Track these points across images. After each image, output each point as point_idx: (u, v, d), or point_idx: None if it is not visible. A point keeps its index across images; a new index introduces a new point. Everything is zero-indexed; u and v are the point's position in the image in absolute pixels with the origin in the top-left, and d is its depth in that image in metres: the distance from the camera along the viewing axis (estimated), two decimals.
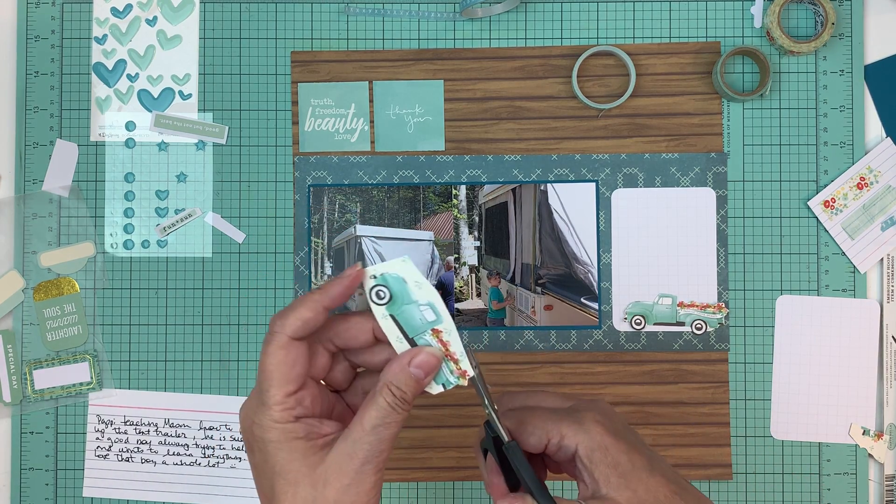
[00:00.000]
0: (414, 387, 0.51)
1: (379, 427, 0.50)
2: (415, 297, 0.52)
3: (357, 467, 0.49)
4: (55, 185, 0.78)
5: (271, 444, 0.50)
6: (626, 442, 0.52)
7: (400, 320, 0.52)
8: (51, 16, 0.79)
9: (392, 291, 0.52)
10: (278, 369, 0.50)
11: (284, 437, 0.50)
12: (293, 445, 0.50)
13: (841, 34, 0.78)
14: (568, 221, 0.78)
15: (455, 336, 0.52)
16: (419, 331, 0.52)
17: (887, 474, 0.77)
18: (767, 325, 0.78)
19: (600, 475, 0.51)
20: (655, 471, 0.51)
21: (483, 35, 0.79)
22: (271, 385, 0.50)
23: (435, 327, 0.52)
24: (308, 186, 0.78)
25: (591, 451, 0.51)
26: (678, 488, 0.51)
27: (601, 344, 0.78)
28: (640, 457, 0.52)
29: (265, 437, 0.50)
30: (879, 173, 0.78)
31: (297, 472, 0.50)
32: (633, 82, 0.77)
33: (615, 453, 0.51)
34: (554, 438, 0.52)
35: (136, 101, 0.79)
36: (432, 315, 0.52)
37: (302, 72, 0.79)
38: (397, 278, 0.51)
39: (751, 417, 0.78)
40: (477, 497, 0.78)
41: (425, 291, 0.52)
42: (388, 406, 0.50)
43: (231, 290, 0.78)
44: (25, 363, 0.77)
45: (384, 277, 0.52)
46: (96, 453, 0.78)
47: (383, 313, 0.52)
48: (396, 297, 0.52)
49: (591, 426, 0.52)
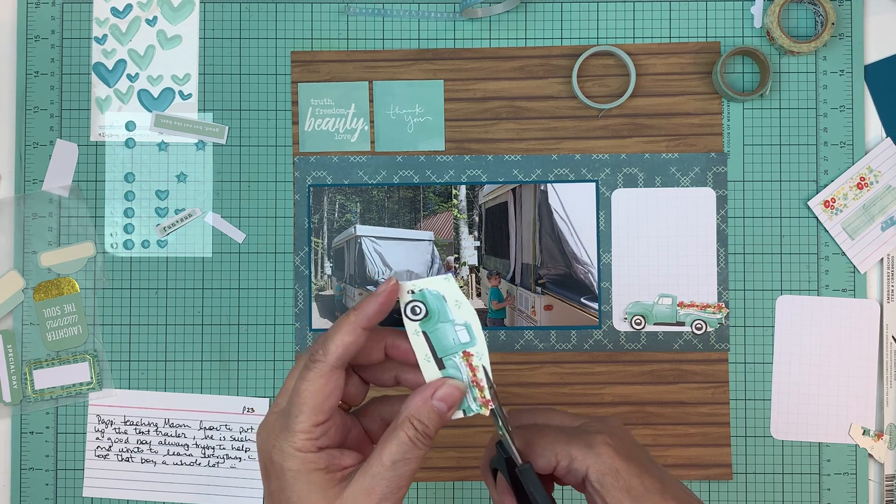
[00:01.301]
0: (437, 421, 0.49)
1: (399, 463, 0.48)
2: (452, 317, 0.50)
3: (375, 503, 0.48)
4: (55, 185, 0.78)
5: (290, 473, 0.49)
6: (637, 464, 0.51)
7: (432, 338, 0.50)
8: (51, 16, 0.79)
9: (429, 308, 0.50)
10: (314, 398, 0.49)
11: (305, 468, 0.48)
12: (312, 477, 0.48)
13: (841, 34, 0.78)
14: (568, 221, 0.78)
15: (486, 362, 0.51)
16: (450, 351, 0.51)
17: (887, 474, 0.77)
18: (767, 325, 0.78)
19: (612, 499, 0.50)
20: (668, 494, 0.51)
21: (483, 35, 0.79)
22: (302, 412, 0.49)
23: (467, 350, 0.50)
24: (308, 186, 0.78)
25: (602, 476, 0.50)
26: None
27: (601, 344, 0.78)
28: (652, 479, 0.51)
29: (285, 464, 0.49)
30: (879, 173, 0.78)
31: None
32: (633, 82, 0.77)
33: (627, 477, 0.50)
34: (563, 461, 0.51)
35: (136, 101, 0.79)
36: (467, 337, 0.50)
37: (302, 72, 0.79)
38: (437, 295, 0.50)
39: (751, 417, 0.78)
40: (477, 497, 0.78)
41: (464, 311, 0.50)
42: (409, 441, 0.48)
43: (231, 290, 0.78)
44: (25, 363, 0.77)
45: (423, 293, 0.50)
46: (96, 453, 0.78)
47: (416, 329, 0.50)
48: (432, 315, 0.50)
49: (602, 449, 0.51)
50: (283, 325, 0.78)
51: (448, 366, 0.51)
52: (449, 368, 0.51)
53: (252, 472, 0.77)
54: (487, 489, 0.77)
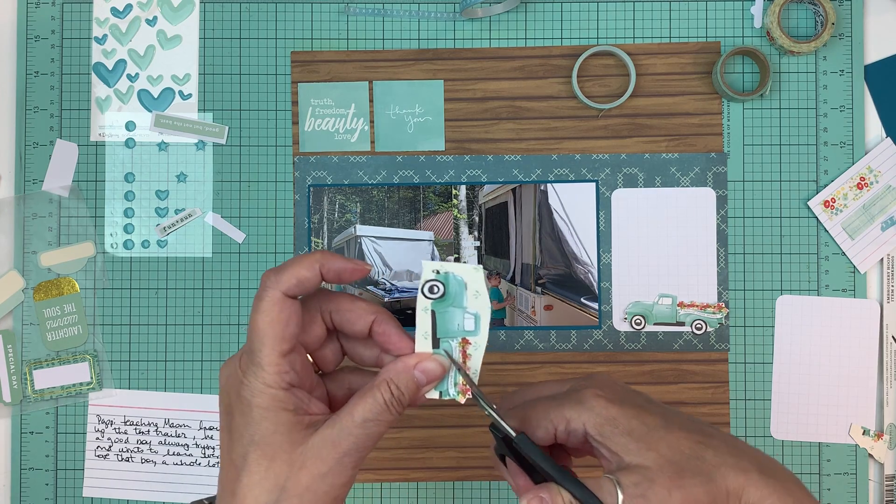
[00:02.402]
0: (413, 390, 0.49)
1: (369, 422, 0.48)
2: (466, 304, 0.50)
3: (338, 457, 0.47)
4: (55, 185, 0.78)
5: (257, 410, 0.48)
6: (633, 406, 0.50)
7: (438, 319, 0.51)
8: (51, 16, 0.79)
9: (448, 291, 0.50)
10: (272, 327, 0.48)
11: (273, 405, 0.48)
12: (280, 417, 0.48)
13: (841, 34, 0.78)
14: (568, 221, 0.78)
15: (480, 354, 0.51)
16: (450, 335, 0.51)
17: (887, 474, 0.77)
18: (767, 325, 0.78)
19: (618, 446, 0.49)
20: (672, 426, 0.50)
21: (483, 35, 0.79)
22: (264, 344, 0.48)
23: (467, 337, 0.51)
24: (308, 186, 0.78)
25: (600, 427, 0.50)
26: (702, 437, 0.50)
27: (601, 344, 0.78)
28: (653, 416, 0.50)
29: (253, 400, 0.48)
30: (879, 173, 0.78)
31: (278, 446, 0.47)
32: (633, 82, 0.77)
33: (625, 420, 0.49)
34: (560, 425, 0.51)
35: (136, 101, 0.79)
36: (472, 326, 0.51)
37: (302, 72, 0.79)
38: (459, 281, 0.50)
39: (751, 417, 0.78)
40: (477, 497, 0.78)
41: (480, 302, 0.50)
42: (384, 403, 0.48)
43: (231, 290, 0.78)
44: (25, 363, 0.77)
45: (447, 276, 0.50)
46: (96, 453, 0.78)
47: (426, 306, 0.50)
48: (448, 298, 0.50)
49: (593, 402, 0.50)
50: None
51: (443, 346, 0.51)
52: (442, 349, 0.51)
53: None
54: (488, 490, 0.77)
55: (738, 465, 0.49)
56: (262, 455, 0.48)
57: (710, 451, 0.49)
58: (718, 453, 0.49)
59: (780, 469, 0.50)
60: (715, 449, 0.49)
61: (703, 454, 0.49)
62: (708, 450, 0.49)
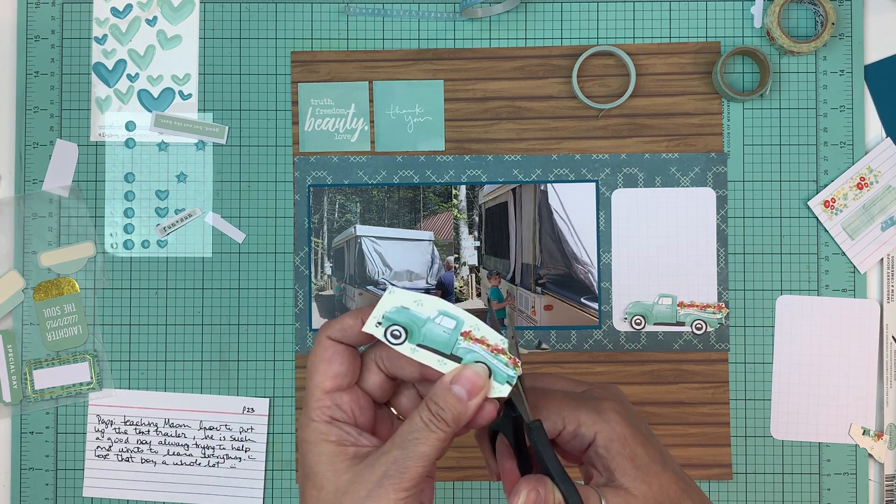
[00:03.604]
0: (454, 404, 0.48)
1: (407, 441, 0.47)
2: (425, 315, 0.50)
3: (376, 479, 0.47)
4: (55, 185, 0.78)
5: (305, 445, 0.50)
6: (641, 434, 0.51)
7: (429, 345, 0.50)
8: (51, 16, 0.79)
9: (402, 324, 0.50)
10: (316, 368, 0.50)
11: (316, 438, 0.49)
12: (322, 448, 0.49)
13: (841, 34, 0.78)
14: (568, 221, 0.78)
15: (484, 327, 0.50)
16: (451, 344, 0.50)
17: (887, 474, 0.77)
18: (767, 325, 0.78)
19: (616, 466, 0.50)
20: (667, 467, 0.51)
21: (483, 35, 0.79)
22: (310, 381, 0.50)
23: (463, 330, 0.50)
24: (308, 186, 0.78)
25: (609, 442, 0.50)
26: (685, 486, 0.51)
27: (601, 344, 0.78)
28: (654, 451, 0.51)
29: (301, 436, 0.50)
30: (879, 173, 0.78)
31: (323, 475, 0.49)
32: (633, 82, 0.77)
33: (633, 445, 0.50)
34: (570, 426, 0.51)
35: (136, 101, 0.79)
36: (451, 321, 0.50)
37: (302, 72, 0.79)
38: (399, 310, 0.50)
39: (751, 417, 0.78)
40: (477, 497, 0.78)
41: (429, 304, 0.50)
42: (421, 421, 0.48)
43: (231, 290, 0.78)
44: (25, 363, 0.77)
45: (386, 318, 0.50)
46: (96, 453, 0.78)
47: (410, 349, 0.50)
48: (410, 327, 0.50)
49: (611, 415, 0.51)
50: (283, 325, 0.78)
51: (462, 356, 0.50)
52: (465, 357, 0.50)
53: (252, 471, 0.77)
54: (488, 490, 0.77)
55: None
56: (312, 486, 0.49)
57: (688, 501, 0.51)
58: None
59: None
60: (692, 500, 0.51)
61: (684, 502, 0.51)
62: (687, 500, 0.51)
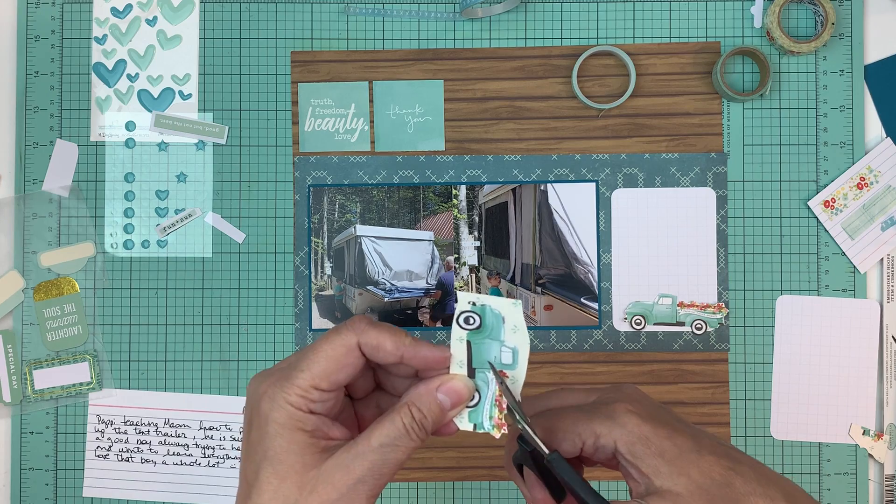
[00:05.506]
0: (436, 413, 0.47)
1: (386, 447, 0.45)
2: (503, 338, 0.49)
3: (351, 483, 0.45)
4: (55, 185, 0.78)
5: (273, 425, 0.46)
6: (664, 426, 0.48)
7: (474, 350, 0.49)
8: (51, 16, 0.79)
9: (484, 323, 0.49)
10: (327, 361, 0.46)
11: (289, 422, 0.46)
12: (295, 436, 0.46)
13: (841, 34, 0.78)
14: (568, 221, 0.78)
15: (518, 389, 0.49)
16: (486, 366, 0.49)
17: (887, 474, 0.77)
18: (767, 325, 0.78)
19: (648, 468, 0.47)
20: (703, 449, 0.48)
21: (483, 35, 0.79)
22: (308, 368, 0.46)
23: (504, 371, 0.49)
24: (308, 186, 0.78)
25: (631, 446, 0.47)
26: (730, 462, 0.48)
27: (601, 344, 0.78)
28: (684, 438, 0.48)
29: (271, 414, 0.46)
30: (879, 173, 0.78)
31: (289, 466, 0.46)
32: (633, 82, 0.77)
33: (658, 441, 0.47)
34: (588, 440, 0.49)
35: (136, 101, 0.79)
36: (510, 360, 0.49)
37: (302, 72, 0.79)
38: (497, 314, 0.49)
39: (751, 417, 0.77)
40: (477, 497, 0.78)
41: (518, 337, 0.49)
42: (403, 427, 0.46)
43: (231, 290, 0.78)
44: (25, 363, 0.77)
45: (483, 308, 0.49)
46: (96, 453, 0.78)
47: (461, 336, 0.49)
48: (484, 330, 0.49)
49: (625, 418, 0.48)
50: (283, 325, 0.78)
51: (478, 378, 0.49)
52: (478, 380, 0.49)
53: None
54: (488, 490, 0.77)
55: (767, 494, 0.47)
56: (274, 473, 0.46)
57: (739, 478, 0.47)
58: (747, 481, 0.47)
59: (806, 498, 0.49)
60: (744, 476, 0.47)
61: (733, 481, 0.47)
62: (737, 477, 0.47)
